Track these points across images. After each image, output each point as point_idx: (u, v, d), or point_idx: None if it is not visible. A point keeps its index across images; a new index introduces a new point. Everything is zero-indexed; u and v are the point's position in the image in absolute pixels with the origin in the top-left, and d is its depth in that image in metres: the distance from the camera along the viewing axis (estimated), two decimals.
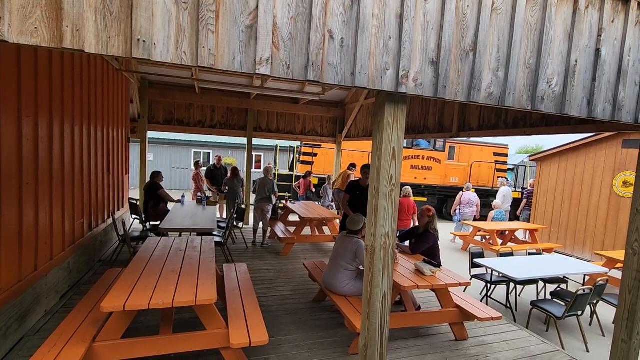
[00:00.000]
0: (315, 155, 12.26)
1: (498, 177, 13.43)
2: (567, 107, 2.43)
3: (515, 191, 13.28)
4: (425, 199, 12.72)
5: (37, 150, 3.40)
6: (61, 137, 3.95)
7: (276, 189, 6.79)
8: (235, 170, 7.97)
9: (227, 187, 7.94)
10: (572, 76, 2.42)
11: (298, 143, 12.68)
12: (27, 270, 3.29)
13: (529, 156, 11.01)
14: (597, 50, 2.46)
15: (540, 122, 4.21)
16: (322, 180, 10.95)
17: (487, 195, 12.72)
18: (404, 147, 9.72)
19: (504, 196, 9.65)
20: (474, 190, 9.47)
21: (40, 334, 3.30)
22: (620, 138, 7.90)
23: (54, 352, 2.43)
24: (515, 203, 11.07)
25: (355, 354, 3.28)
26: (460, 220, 9.18)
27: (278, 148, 13.86)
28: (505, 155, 14.65)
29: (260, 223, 6.93)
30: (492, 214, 8.83)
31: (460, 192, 9.26)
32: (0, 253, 2.85)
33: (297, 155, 12.81)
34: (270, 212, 6.84)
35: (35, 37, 1.39)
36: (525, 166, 16.31)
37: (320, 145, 12.01)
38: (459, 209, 9.13)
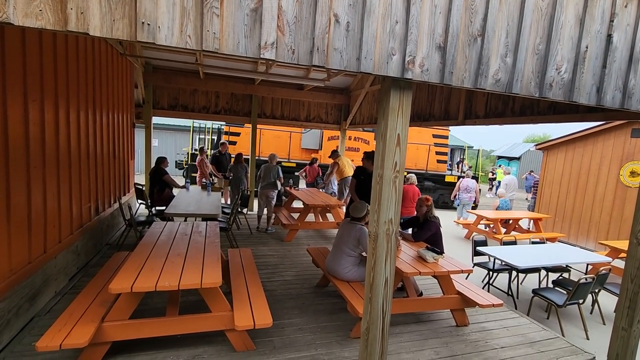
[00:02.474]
0: (239, 134, 12.01)
1: (437, 161, 13.13)
2: (576, 95, 2.39)
3: (451, 175, 12.98)
4: None
5: (44, 134, 3.43)
6: (67, 121, 3.97)
7: (281, 175, 6.81)
8: (238, 157, 7.99)
9: (231, 173, 7.97)
10: (582, 63, 2.37)
11: (222, 123, 12.27)
12: (37, 253, 3.37)
13: (535, 145, 10.88)
14: (609, 36, 2.40)
15: (548, 110, 4.15)
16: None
17: (422, 179, 12.23)
18: (329, 124, 9.55)
19: (507, 184, 9.64)
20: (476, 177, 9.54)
21: (51, 314, 3.39)
22: (629, 127, 7.79)
23: (65, 331, 2.51)
24: (450, 188, 10.84)
25: (357, 338, 3.34)
26: (458, 205, 9.47)
27: (192, 129, 13.44)
28: (446, 137, 13.82)
29: (265, 209, 6.98)
30: (496, 202, 8.86)
31: (460, 179, 9.59)
32: (10, 235, 2.91)
33: (222, 136, 12.51)
34: (275, 199, 6.88)
35: (40, 19, 1.39)
36: (464, 149, 15.78)
37: (244, 125, 11.55)
38: (458, 194, 9.41)
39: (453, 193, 9.65)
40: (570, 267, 5.33)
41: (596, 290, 4.66)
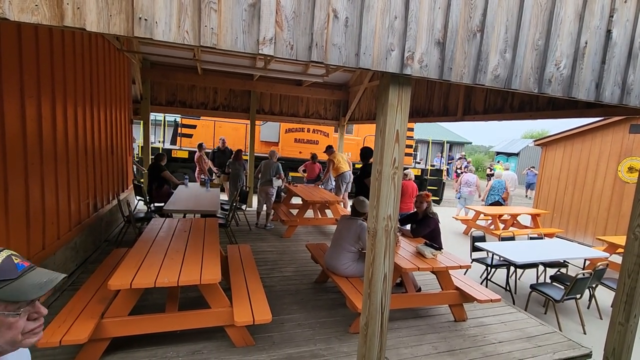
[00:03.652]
0: (195, 127, 11.89)
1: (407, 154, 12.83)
2: (575, 91, 2.39)
3: (415, 168, 12.84)
4: None
5: (41, 131, 3.41)
6: (64, 117, 3.95)
7: (281, 172, 6.80)
8: (237, 153, 7.98)
9: (229, 169, 7.97)
10: (581, 58, 2.37)
11: (179, 116, 12.05)
12: (35, 249, 3.36)
13: (534, 141, 10.88)
14: (608, 32, 2.39)
15: (547, 105, 4.15)
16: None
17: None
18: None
19: (507, 181, 9.66)
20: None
21: (50, 310, 3.39)
22: (627, 123, 7.78)
23: (64, 327, 2.52)
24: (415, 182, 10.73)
25: (356, 333, 3.36)
26: (459, 198, 9.62)
27: (165, 122, 12.97)
28: (411, 129, 13.33)
29: (264, 206, 6.98)
30: (490, 182, 9.25)
31: (462, 174, 9.76)
32: (9, 232, 2.90)
33: (179, 129, 12.26)
34: (274, 195, 6.88)
35: (36, 14, 1.37)
36: (428, 143, 15.63)
37: (200, 117, 11.43)
38: (460, 188, 9.58)
39: (455, 187, 9.78)
40: (568, 263, 5.36)
41: (593, 286, 4.69)
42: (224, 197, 9.16)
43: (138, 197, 7.12)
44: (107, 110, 5.54)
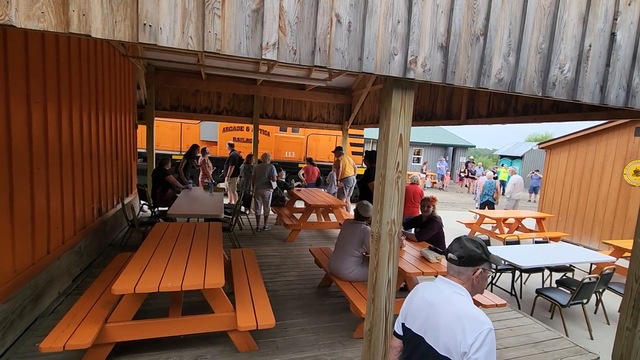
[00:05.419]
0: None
1: (352, 152, 12.56)
2: (579, 94, 2.38)
3: (362, 167, 12.45)
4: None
5: (47, 136, 3.44)
6: (70, 123, 3.98)
7: (276, 174, 6.83)
8: (250, 157, 8.10)
9: (243, 173, 8.06)
10: (585, 61, 2.36)
11: None
12: (40, 253, 3.38)
13: (538, 144, 10.82)
14: (612, 35, 2.38)
15: (551, 109, 4.13)
16: None
17: (326, 172, 11.40)
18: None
19: (514, 185, 9.62)
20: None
21: (54, 314, 3.40)
22: (633, 126, 7.74)
23: (68, 332, 2.52)
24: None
25: (360, 339, 3.34)
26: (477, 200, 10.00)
27: None
28: (361, 128, 13.28)
29: (262, 209, 7.01)
30: (482, 180, 9.40)
31: (481, 177, 10.02)
32: (14, 236, 2.92)
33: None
34: (270, 198, 6.90)
35: (42, 21, 1.39)
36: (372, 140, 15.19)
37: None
38: (476, 191, 9.96)
39: (458, 190, 9.82)
40: (574, 267, 5.30)
41: (600, 290, 4.63)
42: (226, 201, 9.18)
43: (142, 202, 7.14)
44: (112, 115, 5.59)
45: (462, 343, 1.29)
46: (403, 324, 1.61)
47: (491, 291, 4.74)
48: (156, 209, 6.50)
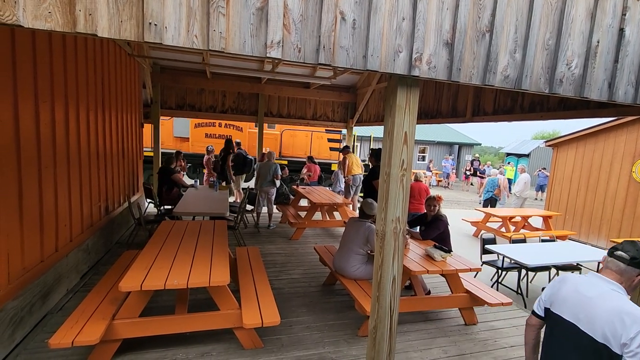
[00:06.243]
0: None
1: (330, 148, 12.57)
2: (587, 90, 2.35)
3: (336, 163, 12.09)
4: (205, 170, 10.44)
5: (54, 135, 3.48)
6: (77, 122, 4.02)
7: (279, 173, 6.85)
8: (262, 156, 8.15)
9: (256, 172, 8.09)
10: (593, 57, 2.33)
11: None
12: (49, 251, 3.42)
13: (545, 141, 10.72)
14: (621, 30, 2.35)
15: (558, 106, 4.09)
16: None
17: (299, 169, 10.79)
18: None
19: (525, 183, 9.55)
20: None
21: (63, 311, 3.45)
22: None
23: (77, 328, 2.55)
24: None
25: (365, 336, 3.34)
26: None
27: None
28: (339, 131, 12.76)
29: (265, 207, 7.03)
30: (485, 181, 9.59)
31: (500, 176, 9.91)
32: (23, 234, 2.96)
33: None
34: (274, 196, 6.93)
35: (50, 21, 1.40)
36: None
37: None
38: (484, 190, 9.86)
39: (463, 188, 9.87)
40: (581, 266, 5.25)
41: None
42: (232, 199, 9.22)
43: (148, 200, 7.20)
44: (118, 114, 5.63)
45: (624, 335, 1.46)
46: (548, 309, 1.83)
47: (497, 290, 4.71)
48: (162, 207, 6.56)
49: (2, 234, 2.67)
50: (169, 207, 6.39)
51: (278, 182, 6.91)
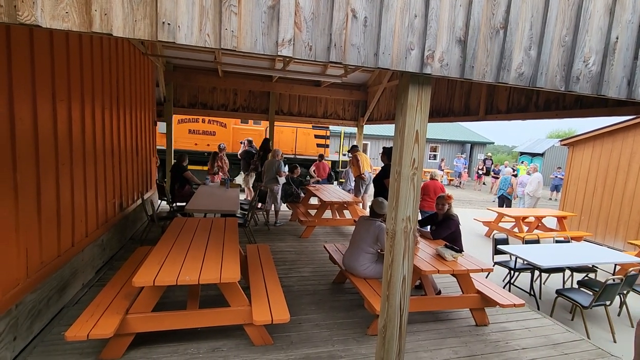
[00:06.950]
0: None
1: (317, 145, 12.45)
2: (605, 88, 2.29)
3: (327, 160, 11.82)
4: (207, 168, 9.86)
5: (71, 132, 3.56)
6: (92, 120, 4.10)
7: (282, 170, 6.88)
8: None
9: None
10: (612, 54, 2.27)
11: None
12: (65, 246, 3.51)
13: (560, 140, 10.49)
14: None
15: (575, 104, 3.99)
16: None
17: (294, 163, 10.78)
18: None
19: (539, 182, 9.38)
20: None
21: (79, 304, 3.53)
22: None
23: (92, 322, 2.61)
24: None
25: (374, 335, 3.34)
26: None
27: None
28: (326, 127, 12.73)
29: (272, 204, 7.07)
30: (499, 180, 9.69)
31: (527, 175, 10.03)
32: (41, 229, 3.04)
33: None
34: (279, 193, 6.96)
35: (67, 21, 1.43)
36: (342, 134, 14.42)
37: None
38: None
39: (475, 188, 9.91)
40: (597, 268, 5.14)
41: (624, 292, 4.48)
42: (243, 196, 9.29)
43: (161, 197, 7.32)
44: (132, 113, 5.72)
45: None
46: None
47: (509, 291, 4.64)
48: (174, 204, 6.65)
49: (21, 229, 2.75)
50: (182, 204, 6.48)
51: (282, 179, 6.94)
